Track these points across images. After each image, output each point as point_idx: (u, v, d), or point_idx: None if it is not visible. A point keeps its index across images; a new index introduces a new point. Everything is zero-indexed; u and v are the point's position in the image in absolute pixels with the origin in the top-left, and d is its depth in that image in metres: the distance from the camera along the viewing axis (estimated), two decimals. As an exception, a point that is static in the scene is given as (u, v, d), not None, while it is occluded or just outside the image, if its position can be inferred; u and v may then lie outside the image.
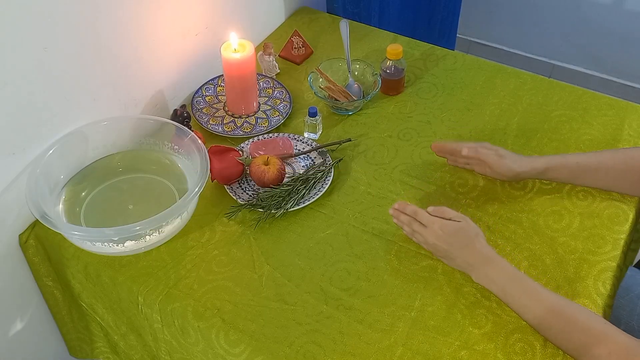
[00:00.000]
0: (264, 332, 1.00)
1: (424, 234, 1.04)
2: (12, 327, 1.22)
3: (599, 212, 1.15)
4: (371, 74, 1.40)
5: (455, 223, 1.02)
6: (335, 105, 1.36)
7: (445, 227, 1.02)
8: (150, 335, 1.12)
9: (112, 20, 1.13)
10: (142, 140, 1.22)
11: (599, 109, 1.35)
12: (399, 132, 1.33)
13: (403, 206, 1.07)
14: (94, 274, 1.12)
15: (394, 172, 1.24)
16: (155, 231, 1.06)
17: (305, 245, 1.12)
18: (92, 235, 1.05)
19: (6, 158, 1.07)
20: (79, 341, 1.31)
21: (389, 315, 1.02)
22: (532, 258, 1.09)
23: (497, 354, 0.96)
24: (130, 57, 1.21)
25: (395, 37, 1.57)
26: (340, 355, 0.97)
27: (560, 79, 1.80)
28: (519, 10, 2.38)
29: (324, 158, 1.26)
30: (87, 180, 1.17)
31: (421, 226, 1.04)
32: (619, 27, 2.22)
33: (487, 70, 1.46)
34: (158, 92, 1.32)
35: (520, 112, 1.35)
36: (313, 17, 1.66)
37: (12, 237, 1.16)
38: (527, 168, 1.14)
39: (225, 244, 1.13)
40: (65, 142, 1.14)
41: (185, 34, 1.33)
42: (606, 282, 1.05)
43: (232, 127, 1.33)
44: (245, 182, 1.22)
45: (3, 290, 1.18)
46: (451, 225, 1.02)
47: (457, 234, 1.02)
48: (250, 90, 1.34)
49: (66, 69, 1.09)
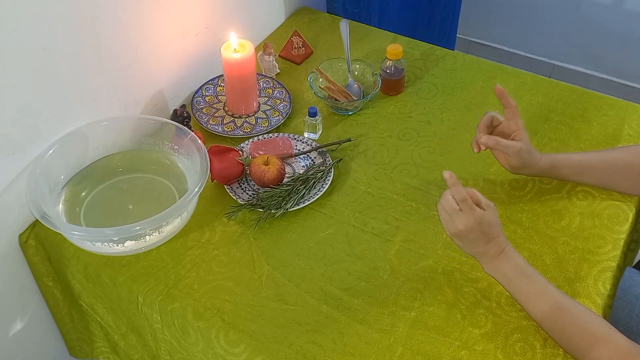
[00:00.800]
0: (264, 332, 1.00)
1: (456, 218, 0.97)
2: (12, 327, 1.22)
3: (599, 212, 1.15)
4: (371, 74, 1.40)
5: (481, 212, 0.96)
6: (335, 105, 1.36)
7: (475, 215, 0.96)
8: (150, 335, 1.12)
9: (112, 20, 1.13)
10: (142, 140, 1.22)
11: (599, 109, 1.35)
12: (399, 132, 1.33)
13: (453, 182, 0.98)
14: (94, 274, 1.12)
15: (394, 172, 1.24)
16: (155, 231, 1.06)
17: (305, 245, 1.12)
18: (92, 235, 1.05)
19: (6, 158, 1.07)
20: (79, 341, 1.31)
21: (389, 315, 1.02)
22: (532, 258, 1.09)
23: (497, 354, 0.96)
24: (130, 57, 1.21)
25: (395, 37, 1.57)
26: (340, 355, 0.97)
27: (560, 79, 1.80)
28: (519, 10, 2.38)
29: (324, 158, 1.26)
30: (87, 180, 1.17)
31: (456, 210, 0.97)
32: (619, 27, 2.22)
33: (487, 70, 1.46)
34: (158, 92, 1.32)
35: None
36: (313, 17, 1.66)
37: (12, 237, 1.16)
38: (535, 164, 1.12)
39: (225, 244, 1.13)
40: (65, 142, 1.14)
41: (185, 34, 1.33)
42: (606, 282, 1.05)
43: (232, 127, 1.33)
44: (245, 182, 1.22)
45: (3, 290, 1.18)
46: (481, 215, 0.96)
47: (481, 223, 0.96)
48: (250, 90, 1.34)
49: (66, 69, 1.09)
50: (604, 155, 1.14)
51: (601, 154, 1.14)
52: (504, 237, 0.99)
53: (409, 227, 1.14)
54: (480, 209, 0.96)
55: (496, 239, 0.98)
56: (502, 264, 0.98)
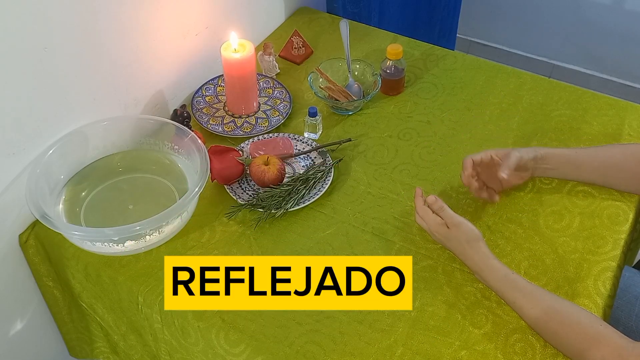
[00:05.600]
0: (264, 332, 1.00)
1: (427, 230, 1.06)
2: (12, 327, 1.22)
3: (599, 212, 1.15)
4: (371, 74, 1.40)
5: (446, 230, 1.02)
6: (335, 105, 1.36)
7: (440, 232, 1.04)
8: (150, 335, 1.12)
9: (112, 20, 1.13)
10: (142, 140, 1.22)
11: (599, 109, 1.35)
12: (399, 132, 1.33)
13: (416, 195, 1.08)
14: (94, 274, 1.12)
15: (394, 172, 1.24)
16: (155, 231, 1.06)
17: (306, 245, 1.12)
18: (92, 235, 1.05)
19: (6, 158, 1.07)
20: (79, 341, 1.31)
21: (389, 315, 1.02)
22: (532, 258, 1.09)
23: (497, 354, 0.96)
24: (130, 57, 1.21)
25: (395, 37, 1.57)
26: (340, 355, 0.97)
27: (560, 79, 1.80)
28: (519, 10, 2.38)
29: (324, 158, 1.26)
30: (87, 180, 1.17)
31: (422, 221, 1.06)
32: (619, 27, 2.22)
33: (487, 70, 1.46)
34: (158, 92, 1.32)
35: (520, 112, 1.35)
36: (313, 17, 1.66)
37: (12, 237, 1.16)
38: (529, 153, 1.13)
39: (225, 244, 1.13)
40: (65, 142, 1.14)
41: (185, 34, 1.33)
42: (606, 282, 1.05)
43: (232, 127, 1.33)
44: (245, 182, 1.22)
45: (3, 290, 1.18)
46: (444, 230, 1.03)
47: (450, 239, 1.03)
48: (250, 90, 1.34)
49: (66, 69, 1.09)
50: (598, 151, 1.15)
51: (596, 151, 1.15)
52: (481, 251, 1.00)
53: (409, 227, 1.14)
54: (434, 219, 1.03)
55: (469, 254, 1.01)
56: (484, 275, 1.00)
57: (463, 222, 1.02)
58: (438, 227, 1.03)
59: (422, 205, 1.06)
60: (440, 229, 1.03)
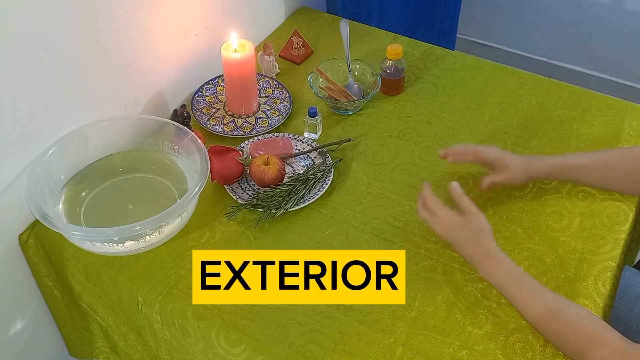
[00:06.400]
0: (264, 332, 1.00)
1: (431, 223, 1.05)
2: (12, 327, 1.22)
3: (599, 212, 1.15)
4: (371, 74, 1.40)
5: (461, 218, 1.02)
6: (335, 105, 1.36)
7: (452, 221, 1.03)
8: (151, 335, 1.12)
9: (112, 20, 1.13)
10: (142, 140, 1.22)
11: (599, 109, 1.35)
12: (399, 132, 1.33)
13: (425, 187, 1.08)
14: (94, 274, 1.12)
15: (394, 172, 1.24)
16: (155, 231, 1.06)
17: (305, 245, 1.12)
18: (92, 235, 1.05)
19: (6, 158, 1.07)
20: (79, 341, 1.31)
21: (389, 315, 1.02)
22: (532, 258, 1.09)
23: (497, 354, 0.96)
24: (130, 57, 1.21)
25: (395, 37, 1.57)
26: (340, 355, 0.97)
27: (560, 79, 1.79)
28: (519, 10, 2.38)
29: (324, 158, 1.26)
30: (87, 180, 1.17)
31: (430, 214, 1.05)
32: (619, 27, 2.22)
33: (487, 70, 1.47)
34: (158, 92, 1.32)
35: (520, 112, 1.35)
36: (313, 17, 1.66)
37: (12, 237, 1.16)
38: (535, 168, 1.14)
39: (225, 244, 1.13)
40: (65, 142, 1.14)
41: (185, 34, 1.33)
42: (606, 282, 1.05)
43: (232, 127, 1.33)
44: (245, 182, 1.22)
45: (3, 290, 1.18)
46: (457, 219, 1.02)
47: (462, 229, 1.02)
48: (250, 90, 1.34)
49: (66, 69, 1.09)
50: (603, 156, 1.14)
51: (601, 155, 1.15)
52: (494, 243, 1.01)
53: (409, 227, 1.14)
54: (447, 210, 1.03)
55: (481, 244, 1.00)
56: (491, 268, 1.00)
57: (480, 213, 1.03)
58: (450, 217, 1.03)
59: (432, 197, 1.06)
60: (453, 219, 1.03)
